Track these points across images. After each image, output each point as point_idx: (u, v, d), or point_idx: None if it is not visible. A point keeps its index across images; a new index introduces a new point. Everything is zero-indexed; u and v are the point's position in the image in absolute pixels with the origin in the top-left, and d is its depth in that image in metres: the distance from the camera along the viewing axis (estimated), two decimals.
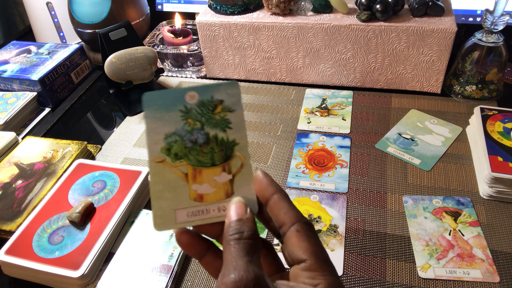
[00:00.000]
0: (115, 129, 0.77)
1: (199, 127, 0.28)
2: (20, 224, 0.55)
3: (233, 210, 0.26)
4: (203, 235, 0.28)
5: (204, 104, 0.28)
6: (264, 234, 0.54)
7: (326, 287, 0.24)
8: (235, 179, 0.28)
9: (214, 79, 0.88)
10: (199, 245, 0.28)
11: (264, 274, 0.24)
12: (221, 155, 0.28)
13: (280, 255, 0.28)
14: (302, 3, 0.78)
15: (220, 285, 0.23)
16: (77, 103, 0.86)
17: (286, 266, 0.28)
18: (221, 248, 0.27)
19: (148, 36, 0.93)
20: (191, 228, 0.28)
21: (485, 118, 0.63)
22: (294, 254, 0.25)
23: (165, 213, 0.27)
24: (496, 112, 0.64)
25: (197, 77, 0.89)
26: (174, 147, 0.28)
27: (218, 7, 0.81)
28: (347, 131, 0.71)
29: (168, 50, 0.87)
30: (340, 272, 0.50)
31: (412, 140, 0.67)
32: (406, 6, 0.76)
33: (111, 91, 0.86)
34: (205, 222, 0.27)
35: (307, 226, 0.26)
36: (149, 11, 1.00)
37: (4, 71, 0.84)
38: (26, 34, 1.13)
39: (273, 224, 0.28)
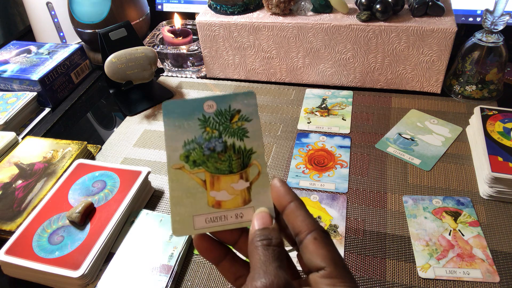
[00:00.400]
0: (115, 129, 0.77)
1: (217, 135, 0.29)
2: (20, 224, 0.55)
3: (259, 219, 0.27)
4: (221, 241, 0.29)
5: (222, 113, 0.29)
6: None
7: None
8: (252, 187, 0.29)
9: (214, 79, 0.88)
10: (217, 250, 0.28)
11: (292, 281, 0.24)
12: (239, 163, 0.29)
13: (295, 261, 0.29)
14: (302, 3, 0.78)
15: None
16: (77, 103, 0.86)
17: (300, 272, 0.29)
18: (238, 254, 0.28)
19: (148, 36, 0.93)
20: (208, 233, 0.28)
21: (485, 118, 0.63)
22: (312, 262, 0.26)
23: (184, 219, 0.28)
24: (496, 112, 0.64)
25: (197, 77, 0.89)
26: (193, 155, 0.28)
27: (218, 7, 0.81)
28: (347, 131, 0.71)
29: (168, 50, 0.87)
30: None
31: (412, 140, 0.67)
32: (406, 6, 0.76)
33: (111, 91, 0.86)
34: (223, 229, 0.28)
35: (324, 234, 0.26)
36: (149, 11, 1.00)
37: (4, 71, 0.84)
38: (26, 34, 1.13)
39: (289, 232, 0.28)
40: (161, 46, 0.89)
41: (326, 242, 0.26)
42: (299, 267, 0.30)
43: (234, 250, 0.29)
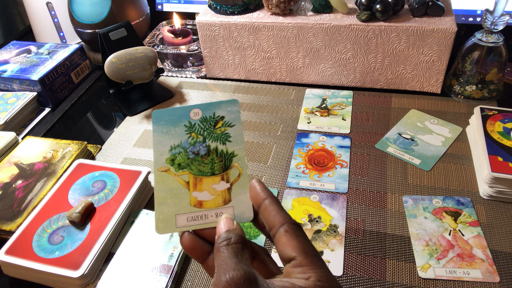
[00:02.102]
0: (115, 129, 0.77)
1: (201, 140, 0.31)
2: (20, 224, 0.55)
3: (222, 224, 0.28)
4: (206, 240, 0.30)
5: (207, 120, 0.31)
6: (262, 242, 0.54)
7: (317, 279, 0.25)
8: (232, 187, 0.30)
9: (214, 79, 0.88)
10: (201, 248, 0.29)
11: (255, 272, 0.25)
12: (221, 165, 0.31)
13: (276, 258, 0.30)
14: (302, 3, 0.78)
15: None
16: (77, 103, 0.86)
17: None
18: None
19: (148, 36, 0.93)
20: (191, 232, 0.30)
21: (485, 118, 0.63)
22: (284, 253, 0.27)
23: (167, 217, 0.29)
24: (496, 112, 0.64)
25: (197, 77, 0.89)
26: (178, 158, 0.30)
27: (218, 7, 0.81)
28: (347, 131, 0.71)
29: (168, 50, 0.87)
30: (340, 272, 0.50)
31: (412, 140, 0.67)
32: (406, 6, 0.76)
33: (111, 91, 0.86)
34: (203, 227, 0.29)
35: (295, 226, 0.28)
36: (149, 11, 1.00)
37: (4, 71, 0.84)
38: (26, 34, 1.13)
39: (266, 231, 0.29)
40: (161, 46, 0.89)
41: (296, 233, 0.27)
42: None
43: None
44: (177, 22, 0.91)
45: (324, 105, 0.77)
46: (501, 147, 0.58)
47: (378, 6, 0.71)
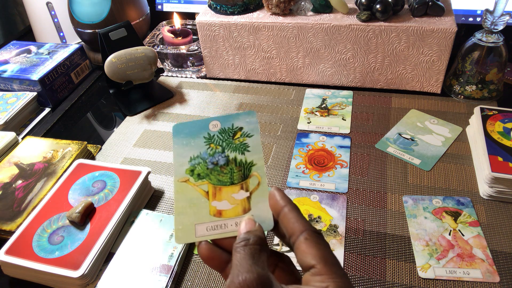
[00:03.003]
0: (115, 129, 0.77)
1: (220, 150, 0.31)
2: (20, 224, 0.55)
3: (243, 225, 0.28)
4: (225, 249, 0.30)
5: (225, 131, 0.32)
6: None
7: None
8: (252, 196, 0.30)
9: (214, 79, 0.88)
10: (219, 258, 0.29)
11: (270, 275, 0.25)
12: (240, 175, 0.31)
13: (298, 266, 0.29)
14: (302, 3, 0.78)
15: None
16: (77, 103, 0.86)
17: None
18: None
19: (148, 36, 0.93)
20: (210, 241, 0.30)
21: (485, 118, 0.63)
22: (304, 261, 0.26)
23: (186, 227, 0.30)
24: (496, 112, 0.64)
25: (197, 77, 0.89)
26: (197, 169, 0.31)
27: (218, 7, 0.81)
28: (347, 131, 0.71)
29: (168, 50, 0.87)
30: None
31: (412, 140, 0.67)
32: (406, 6, 0.76)
33: (111, 91, 0.86)
34: (222, 236, 0.29)
35: (315, 234, 0.27)
36: (149, 11, 1.00)
37: (4, 71, 0.84)
38: (26, 34, 1.13)
39: (287, 239, 0.29)
40: (161, 46, 0.89)
41: (316, 241, 0.27)
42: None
43: None
44: (177, 22, 0.91)
45: (324, 105, 0.77)
46: (501, 147, 0.58)
47: (378, 6, 0.71)
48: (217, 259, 0.29)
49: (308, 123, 0.73)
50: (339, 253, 0.52)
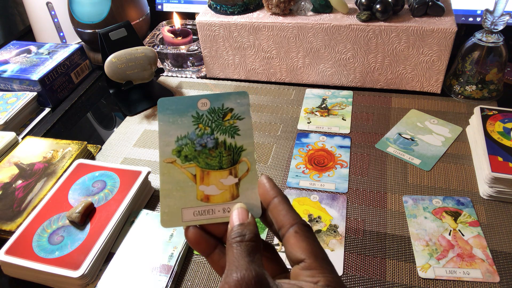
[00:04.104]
0: (115, 129, 0.77)
1: (209, 132, 0.30)
2: (20, 224, 0.55)
3: (236, 216, 0.28)
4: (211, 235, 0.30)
5: (215, 111, 0.30)
6: (264, 235, 0.54)
7: (325, 284, 0.25)
8: (240, 183, 0.29)
9: (214, 79, 0.88)
10: (206, 242, 0.29)
11: (265, 273, 0.25)
12: (229, 160, 0.30)
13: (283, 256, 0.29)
14: (302, 3, 0.78)
15: (223, 284, 0.24)
16: (77, 103, 0.86)
17: (289, 267, 0.29)
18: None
19: (148, 36, 0.93)
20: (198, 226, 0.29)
21: (485, 118, 0.63)
22: (293, 255, 0.26)
23: (172, 211, 0.29)
24: (496, 112, 0.64)
25: (197, 77, 0.89)
26: (185, 150, 0.29)
27: (218, 7, 0.81)
28: (347, 131, 0.71)
29: (168, 50, 0.87)
30: (340, 272, 0.50)
31: (412, 140, 0.67)
32: (406, 6, 0.76)
33: (111, 91, 0.86)
34: (210, 222, 0.29)
35: (305, 228, 0.27)
36: (149, 11, 1.00)
37: (4, 71, 0.84)
38: (26, 34, 1.13)
39: (275, 229, 0.29)
40: (161, 46, 0.89)
41: (306, 235, 0.27)
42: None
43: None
44: (177, 22, 0.91)
45: (324, 105, 0.77)
46: (501, 147, 0.58)
47: (378, 6, 0.71)
48: (204, 244, 0.29)
49: (308, 123, 0.73)
50: (339, 253, 0.52)
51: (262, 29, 0.77)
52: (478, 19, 0.87)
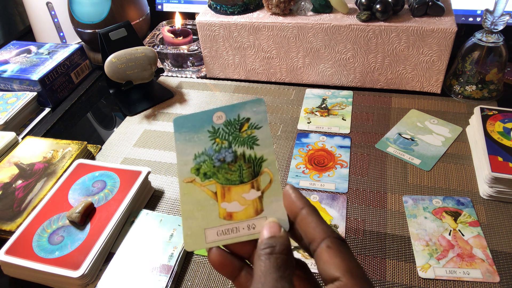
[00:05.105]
0: (115, 129, 0.77)
1: (226, 145, 0.29)
2: (20, 224, 0.55)
3: (266, 229, 0.26)
4: (237, 255, 0.28)
5: (231, 123, 0.29)
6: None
7: None
8: (264, 196, 0.28)
9: (214, 79, 0.88)
10: (231, 264, 0.27)
11: None
12: (250, 172, 0.28)
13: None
14: (302, 3, 0.78)
15: None
16: (77, 103, 0.86)
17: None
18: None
19: (148, 36, 0.93)
20: (221, 247, 0.27)
21: (485, 118, 0.63)
22: (327, 272, 0.24)
23: (195, 232, 0.27)
24: (496, 112, 0.64)
25: (197, 77, 0.89)
26: (203, 167, 0.28)
27: (218, 7, 0.81)
28: (347, 131, 0.71)
29: (168, 50, 0.87)
30: None
31: (412, 140, 0.67)
32: (406, 6, 0.76)
33: (111, 91, 0.86)
34: (235, 241, 0.27)
35: (339, 241, 0.25)
36: (149, 11, 1.00)
37: (4, 71, 0.84)
38: (26, 34, 1.13)
39: (304, 243, 0.27)
40: (161, 46, 0.89)
41: (341, 250, 0.24)
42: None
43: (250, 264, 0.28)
44: (178, 22, 0.91)
45: (324, 105, 0.77)
46: (501, 147, 0.58)
47: (378, 6, 0.71)
48: (229, 266, 0.27)
49: (308, 123, 0.73)
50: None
51: (262, 29, 0.77)
52: (478, 19, 0.87)
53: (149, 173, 0.60)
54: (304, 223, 0.26)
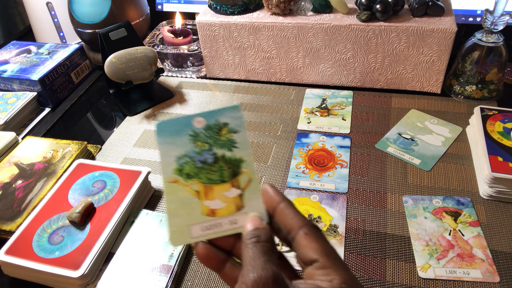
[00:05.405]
0: (115, 129, 0.77)
1: (207, 148, 0.31)
2: (20, 224, 0.55)
3: (249, 222, 0.28)
4: (221, 248, 0.30)
5: (211, 127, 0.31)
6: None
7: (341, 281, 0.25)
8: (244, 193, 0.30)
9: (214, 79, 0.88)
10: (216, 257, 0.29)
11: (281, 273, 0.25)
12: (230, 172, 0.30)
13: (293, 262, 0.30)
14: (302, 3, 0.78)
15: (240, 284, 0.24)
16: (77, 103, 0.86)
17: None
18: (238, 260, 0.29)
19: (148, 36, 0.93)
20: (205, 241, 0.29)
21: (485, 118, 0.63)
22: (306, 256, 0.26)
23: (180, 229, 0.29)
24: (496, 112, 0.64)
25: (197, 77, 0.89)
26: (186, 168, 0.30)
27: (218, 7, 0.81)
28: (347, 131, 0.71)
29: (168, 50, 0.87)
30: None
31: (412, 140, 0.67)
32: (406, 6, 0.76)
33: (111, 91, 0.86)
34: (218, 235, 0.29)
35: (314, 229, 0.27)
36: (149, 11, 1.00)
37: (4, 71, 0.84)
38: (26, 34, 1.13)
39: (282, 234, 0.29)
40: (161, 46, 0.89)
41: (317, 235, 0.27)
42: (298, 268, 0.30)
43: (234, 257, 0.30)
44: (178, 22, 0.91)
45: (324, 105, 0.77)
46: (501, 147, 0.58)
47: (378, 6, 0.71)
48: (215, 259, 0.29)
49: (308, 123, 0.73)
50: (339, 253, 0.52)
51: (262, 29, 0.77)
52: (478, 19, 0.87)
53: (149, 173, 0.60)
54: (282, 215, 0.28)
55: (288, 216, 0.28)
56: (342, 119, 0.73)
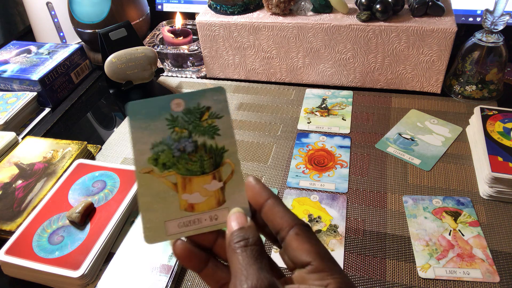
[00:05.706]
0: (115, 129, 0.77)
1: (186, 135, 0.27)
2: (20, 224, 0.55)
3: (234, 220, 0.26)
4: (201, 247, 0.28)
5: (191, 111, 0.27)
6: None
7: (337, 286, 0.23)
8: (226, 187, 0.27)
9: (214, 79, 0.88)
10: (197, 257, 0.27)
11: (275, 280, 0.23)
12: (211, 163, 0.27)
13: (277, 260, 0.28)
14: (302, 3, 0.78)
15: None
16: (77, 103, 0.86)
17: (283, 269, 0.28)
18: (220, 260, 0.27)
19: (148, 36, 0.93)
20: (185, 239, 0.27)
21: (485, 118, 0.63)
22: (297, 258, 0.25)
23: (155, 225, 0.27)
24: (496, 112, 0.64)
25: (197, 77, 0.89)
26: (162, 157, 0.27)
27: (218, 7, 0.81)
28: (347, 131, 0.71)
29: (168, 50, 0.87)
30: None
31: (412, 140, 0.67)
32: (406, 6, 0.76)
33: (111, 91, 0.86)
34: (197, 232, 0.27)
35: (305, 228, 0.26)
36: (149, 11, 1.00)
37: (4, 71, 0.84)
38: (26, 34, 1.13)
39: (268, 230, 0.27)
40: (161, 46, 0.89)
41: (308, 236, 0.25)
42: (281, 265, 0.28)
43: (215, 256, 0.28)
44: (179, 22, 0.91)
45: (324, 105, 0.77)
46: (501, 147, 0.58)
47: (378, 6, 0.71)
48: (195, 259, 0.26)
49: (308, 123, 0.73)
50: (339, 253, 0.52)
51: (262, 29, 0.77)
52: (478, 19, 0.87)
53: None
54: (271, 213, 0.26)
55: (277, 215, 0.26)
56: (342, 119, 0.73)
